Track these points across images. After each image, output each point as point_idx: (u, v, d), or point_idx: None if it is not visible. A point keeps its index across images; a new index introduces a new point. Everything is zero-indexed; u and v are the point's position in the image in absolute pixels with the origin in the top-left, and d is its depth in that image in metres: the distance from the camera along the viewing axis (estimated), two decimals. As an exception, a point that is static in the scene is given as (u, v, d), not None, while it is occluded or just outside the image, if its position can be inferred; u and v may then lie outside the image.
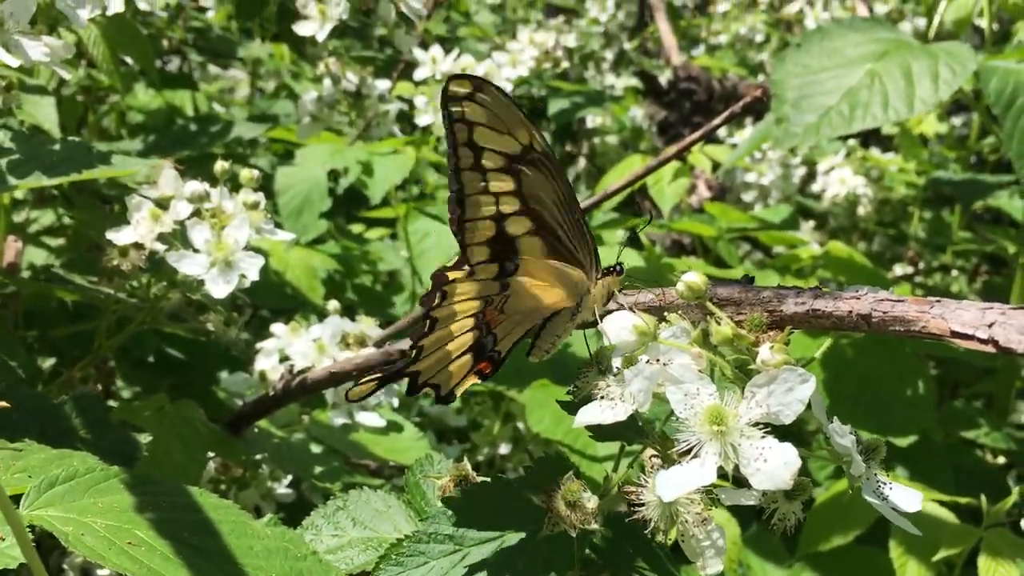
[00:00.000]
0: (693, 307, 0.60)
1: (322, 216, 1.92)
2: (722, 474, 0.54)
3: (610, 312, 0.61)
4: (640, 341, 0.57)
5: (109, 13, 1.20)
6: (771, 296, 0.58)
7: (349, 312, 1.95)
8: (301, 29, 1.32)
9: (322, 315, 1.39)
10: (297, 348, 1.21)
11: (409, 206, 1.95)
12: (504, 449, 1.93)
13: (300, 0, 1.27)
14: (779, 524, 0.56)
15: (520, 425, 1.96)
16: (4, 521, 0.63)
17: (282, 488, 1.31)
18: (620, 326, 0.57)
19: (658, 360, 0.56)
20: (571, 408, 0.67)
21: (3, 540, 0.62)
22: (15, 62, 0.96)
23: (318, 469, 1.14)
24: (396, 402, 1.31)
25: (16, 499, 0.69)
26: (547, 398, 1.41)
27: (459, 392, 0.72)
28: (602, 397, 0.59)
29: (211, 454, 1.12)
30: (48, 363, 1.41)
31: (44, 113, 1.42)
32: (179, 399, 1.11)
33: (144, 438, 0.98)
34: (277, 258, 1.72)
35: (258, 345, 1.22)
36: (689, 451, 0.54)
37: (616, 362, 0.61)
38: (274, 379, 1.17)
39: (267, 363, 1.24)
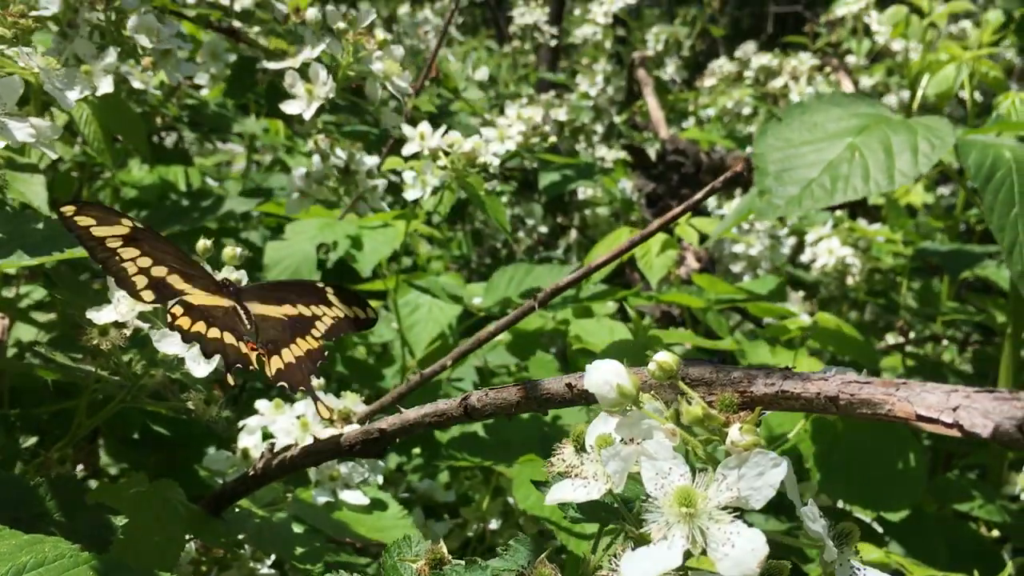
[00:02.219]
0: (666, 387, 0.60)
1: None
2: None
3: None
4: (619, 401, 0.57)
5: (99, 94, 1.22)
6: (741, 377, 0.58)
7: (343, 385, 1.94)
8: (288, 108, 1.33)
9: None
10: (280, 425, 1.21)
11: (399, 278, 1.96)
12: (494, 524, 1.90)
13: (287, 80, 1.29)
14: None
15: (511, 499, 1.94)
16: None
17: (265, 568, 1.28)
18: (604, 379, 0.56)
19: (632, 440, 0.56)
20: (543, 486, 0.67)
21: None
22: (1, 144, 0.97)
23: (300, 550, 1.12)
24: (381, 479, 1.29)
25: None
26: (534, 473, 1.39)
27: None
28: (575, 475, 0.59)
29: (190, 535, 1.10)
30: (30, 442, 1.39)
31: (34, 191, 1.43)
32: (161, 478, 1.09)
33: (119, 520, 0.97)
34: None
35: (241, 423, 1.21)
36: (657, 534, 0.53)
37: (590, 440, 0.60)
38: (256, 457, 1.15)
39: (250, 440, 1.23)
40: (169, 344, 0.95)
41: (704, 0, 3.44)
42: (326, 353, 0.98)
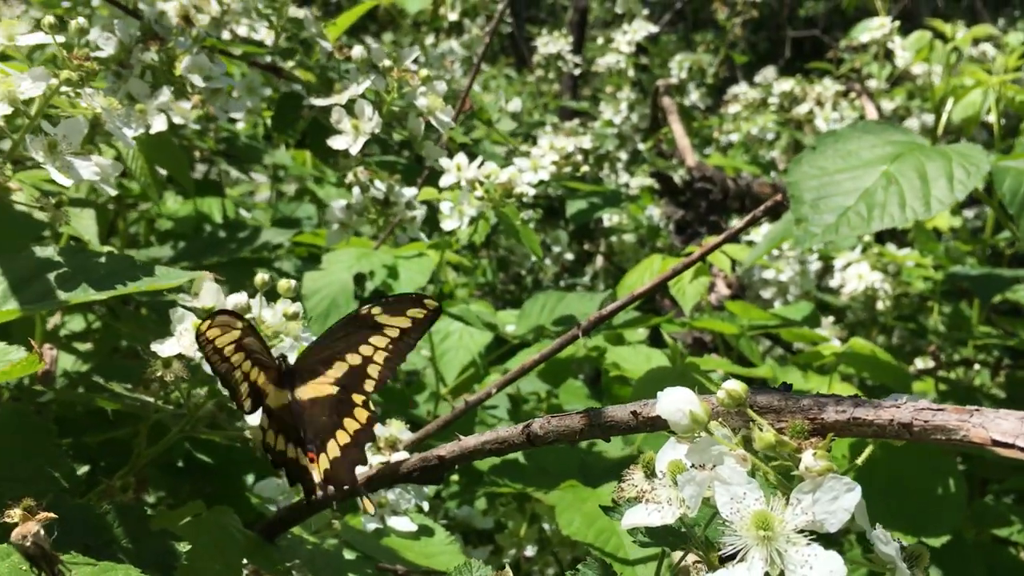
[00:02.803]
0: (733, 414, 0.62)
1: (347, 318, 1.95)
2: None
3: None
4: (691, 427, 0.59)
5: (153, 132, 1.26)
6: (811, 404, 0.60)
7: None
8: (335, 143, 1.37)
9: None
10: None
11: (432, 307, 1.98)
12: (530, 551, 1.91)
13: (334, 116, 1.32)
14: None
15: (546, 526, 1.95)
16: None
17: (312, 596, 1.30)
18: (676, 407, 0.58)
19: (704, 466, 0.58)
20: (613, 511, 0.69)
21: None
22: (68, 182, 1.01)
23: (351, 576, 1.14)
24: (427, 506, 1.31)
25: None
26: (576, 499, 1.41)
27: None
28: (648, 500, 0.61)
29: (245, 561, 1.12)
30: (82, 470, 1.42)
31: (84, 225, 1.47)
32: (213, 505, 1.12)
33: (182, 546, 0.99)
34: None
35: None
36: (734, 555, 0.55)
37: (661, 466, 0.62)
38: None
39: (300, 468, 1.25)
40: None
41: (724, 26, 3.48)
42: (376, 424, 0.96)
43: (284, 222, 2.62)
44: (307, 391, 0.95)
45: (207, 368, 1.03)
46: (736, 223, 1.41)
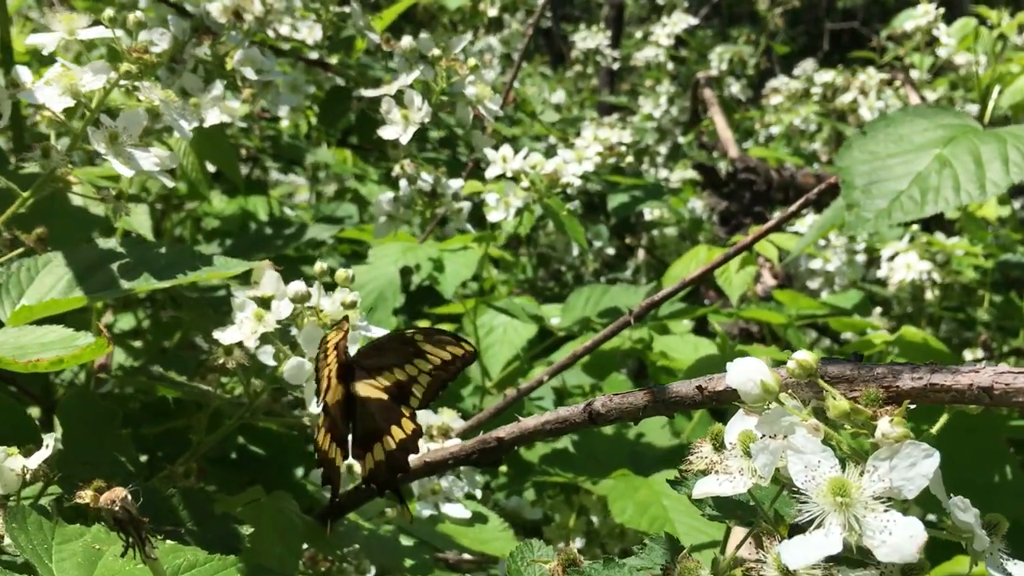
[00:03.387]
0: (803, 386, 0.62)
1: (394, 312, 1.96)
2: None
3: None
4: (761, 397, 0.59)
5: (207, 125, 1.28)
6: (885, 372, 0.59)
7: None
8: (386, 133, 1.38)
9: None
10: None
11: (477, 300, 1.99)
12: (578, 543, 1.91)
13: (384, 107, 1.34)
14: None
15: (594, 519, 1.95)
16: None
17: (367, 583, 1.31)
18: (747, 376, 0.58)
19: (775, 436, 0.57)
20: (679, 485, 0.69)
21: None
22: (130, 173, 1.03)
23: (409, 562, 1.15)
24: (479, 493, 1.32)
25: (141, 587, 0.71)
26: (628, 488, 1.41)
27: None
28: (717, 472, 0.61)
29: (305, 546, 1.13)
30: (141, 459, 1.44)
31: (139, 220, 1.50)
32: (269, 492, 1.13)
33: (244, 529, 1.00)
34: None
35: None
36: (809, 523, 0.55)
37: (730, 437, 0.62)
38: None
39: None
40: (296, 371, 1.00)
41: (764, 17, 3.46)
42: (420, 439, 0.96)
43: (327, 220, 2.65)
44: (361, 389, 0.96)
45: (265, 359, 1.05)
46: (781, 214, 1.40)
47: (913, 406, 0.57)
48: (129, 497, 0.53)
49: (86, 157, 1.67)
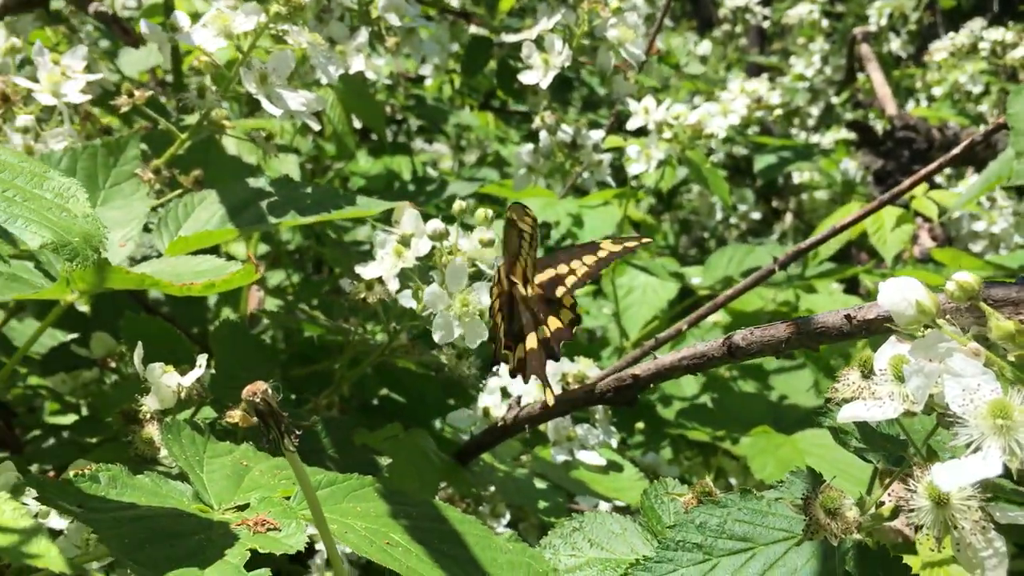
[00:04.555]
0: (963, 311, 0.58)
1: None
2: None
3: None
4: (916, 319, 0.55)
5: (352, 72, 1.31)
6: (1056, 291, 0.55)
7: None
8: (525, 78, 1.37)
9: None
10: (519, 386, 1.24)
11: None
12: (716, 506, 1.87)
13: (524, 51, 1.33)
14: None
15: (733, 481, 1.91)
16: (281, 514, 0.68)
17: (501, 527, 1.32)
18: (902, 296, 0.55)
19: (931, 359, 0.54)
20: (824, 414, 0.66)
21: (280, 531, 0.66)
22: (278, 111, 1.06)
23: (543, 503, 1.15)
24: (615, 442, 1.30)
25: (286, 499, 0.74)
26: (770, 445, 1.37)
27: None
28: (866, 397, 0.57)
29: (442, 484, 1.15)
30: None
31: (289, 167, 1.55)
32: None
33: (383, 460, 1.03)
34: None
35: (483, 381, 1.26)
36: (965, 448, 0.52)
37: (880, 364, 0.59)
38: (497, 415, 1.20)
39: (490, 400, 1.28)
40: (436, 300, 1.01)
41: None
42: (576, 327, 1.00)
43: (470, 178, 2.67)
44: (524, 289, 1.01)
45: (405, 302, 1.06)
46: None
47: (1088, 327, 0.52)
48: (270, 390, 0.54)
49: (243, 111, 1.74)
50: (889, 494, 0.61)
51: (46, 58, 1.17)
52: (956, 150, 1.25)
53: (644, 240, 1.03)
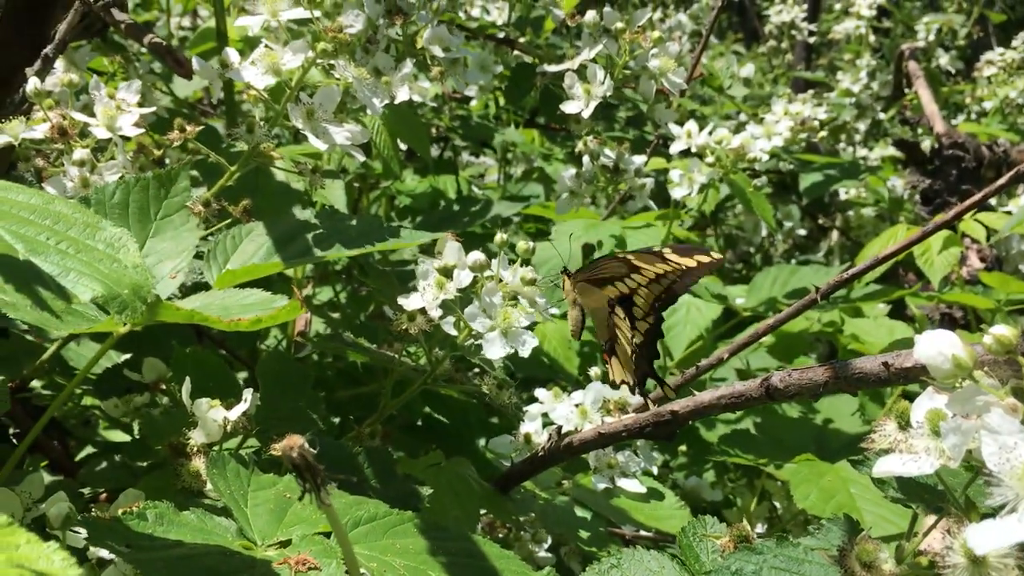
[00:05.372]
0: (1002, 363, 0.57)
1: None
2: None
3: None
4: (953, 373, 0.55)
5: (397, 102, 1.33)
6: (1096, 349, 0.54)
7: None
8: (568, 108, 1.38)
9: (576, 384, 1.43)
10: (560, 413, 1.25)
11: (660, 279, 1.97)
12: (759, 528, 1.86)
13: (567, 81, 1.34)
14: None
15: (777, 504, 1.90)
16: (322, 553, 0.70)
17: (543, 552, 1.33)
18: (938, 350, 0.55)
19: (967, 415, 0.54)
20: (861, 463, 0.66)
21: (320, 570, 0.68)
22: (324, 146, 1.08)
23: (584, 533, 1.16)
24: (656, 470, 1.31)
25: (326, 536, 0.76)
26: (813, 473, 1.36)
27: None
28: (901, 451, 0.57)
29: (483, 511, 1.16)
30: (334, 421, 1.53)
31: (335, 195, 1.57)
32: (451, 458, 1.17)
33: (424, 490, 1.04)
34: (537, 329, 1.79)
35: (524, 409, 1.27)
36: (1001, 508, 0.51)
37: (917, 416, 0.59)
38: (539, 442, 1.21)
39: (531, 426, 1.29)
40: (478, 323, 1.02)
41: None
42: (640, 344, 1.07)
43: (514, 198, 2.69)
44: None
45: (448, 329, 1.08)
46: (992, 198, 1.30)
47: None
48: (306, 445, 0.56)
49: (290, 137, 1.78)
50: (927, 546, 0.61)
51: (102, 92, 1.21)
52: (1006, 177, 1.23)
53: (716, 256, 1.05)
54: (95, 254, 0.61)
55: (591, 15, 1.34)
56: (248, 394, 0.88)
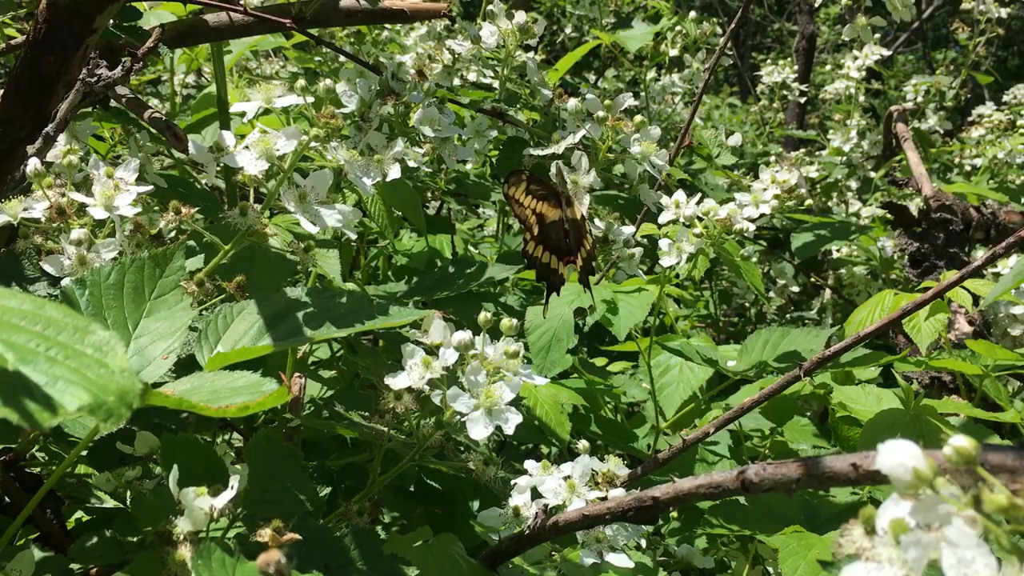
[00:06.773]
0: (963, 471, 0.59)
1: (568, 352, 2.00)
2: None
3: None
4: (915, 484, 0.57)
5: (388, 179, 1.36)
6: (1049, 465, 0.56)
7: (593, 446, 1.99)
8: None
9: (570, 449, 1.44)
10: (549, 486, 1.26)
11: (652, 340, 1.99)
12: (753, 594, 1.86)
13: (552, 169, 1.37)
14: None
15: (770, 569, 1.89)
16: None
17: (530, 626, 1.33)
18: (899, 462, 0.56)
19: (929, 526, 0.55)
20: (832, 566, 0.67)
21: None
22: (316, 230, 1.11)
23: (570, 609, 1.16)
24: (644, 543, 1.31)
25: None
26: (801, 546, 1.36)
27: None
28: (867, 558, 0.59)
29: (469, 588, 1.17)
30: (324, 491, 1.53)
31: (329, 264, 1.59)
32: (440, 531, 1.18)
33: (411, 571, 1.05)
34: (528, 394, 1.80)
35: (512, 482, 1.28)
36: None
37: (882, 523, 0.60)
38: (527, 515, 1.22)
39: (520, 499, 1.30)
40: (460, 403, 1.04)
41: (967, 47, 3.27)
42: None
43: (510, 256, 2.72)
44: (570, 212, 1.37)
45: (435, 399, 1.10)
46: (980, 256, 1.32)
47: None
48: (283, 560, 0.57)
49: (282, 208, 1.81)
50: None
51: (101, 172, 1.23)
52: (1002, 245, 1.25)
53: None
54: (83, 359, 0.63)
55: (573, 103, 1.38)
56: (235, 480, 0.90)
